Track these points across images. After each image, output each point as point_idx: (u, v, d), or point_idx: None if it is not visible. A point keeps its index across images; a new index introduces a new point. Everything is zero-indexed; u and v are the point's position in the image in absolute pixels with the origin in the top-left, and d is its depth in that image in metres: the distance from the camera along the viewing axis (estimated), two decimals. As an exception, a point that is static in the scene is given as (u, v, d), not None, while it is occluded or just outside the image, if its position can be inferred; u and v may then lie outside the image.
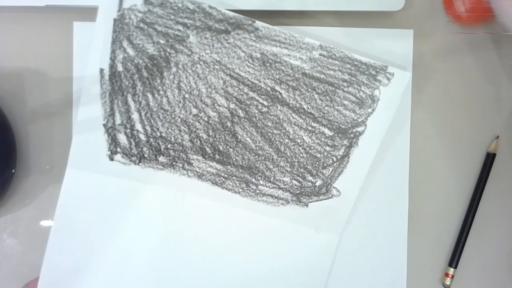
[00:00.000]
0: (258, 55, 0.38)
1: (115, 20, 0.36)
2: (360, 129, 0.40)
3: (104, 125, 0.38)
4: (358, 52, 0.42)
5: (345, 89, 0.39)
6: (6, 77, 0.43)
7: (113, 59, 0.37)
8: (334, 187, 0.41)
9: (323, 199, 0.41)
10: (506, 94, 0.43)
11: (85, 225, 0.40)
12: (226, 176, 0.40)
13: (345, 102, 0.39)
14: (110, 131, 0.38)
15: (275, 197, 0.41)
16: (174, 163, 0.39)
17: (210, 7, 0.37)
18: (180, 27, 0.37)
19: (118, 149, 0.39)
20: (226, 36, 0.37)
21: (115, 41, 0.37)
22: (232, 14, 0.37)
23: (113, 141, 0.39)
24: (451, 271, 0.42)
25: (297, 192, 0.41)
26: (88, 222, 0.40)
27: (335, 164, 0.40)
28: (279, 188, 0.41)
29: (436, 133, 0.43)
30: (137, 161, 0.39)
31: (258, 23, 0.38)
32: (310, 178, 0.40)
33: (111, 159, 0.39)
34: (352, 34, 0.42)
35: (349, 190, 0.41)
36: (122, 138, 0.39)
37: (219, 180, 0.40)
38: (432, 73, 0.43)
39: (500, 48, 0.43)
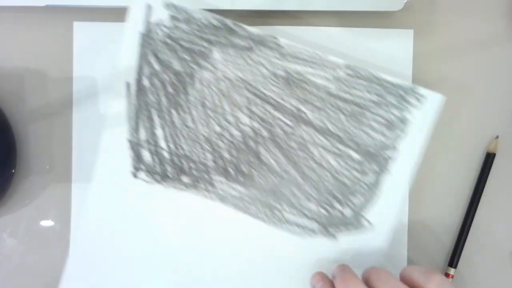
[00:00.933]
0: (282, 73, 0.37)
1: (142, 34, 0.36)
2: (390, 153, 0.38)
3: (129, 141, 0.38)
4: (358, 52, 0.42)
5: (373, 110, 0.38)
6: (6, 77, 0.43)
7: (140, 74, 0.37)
8: (365, 218, 0.39)
9: (353, 231, 0.39)
10: (506, 94, 0.43)
11: (104, 242, 0.39)
12: (250, 200, 0.39)
13: (373, 124, 0.38)
14: (135, 147, 0.38)
15: (301, 226, 0.39)
16: (196, 183, 0.39)
17: (234, 23, 0.37)
18: (205, 43, 0.36)
19: (142, 166, 0.38)
20: (249, 53, 0.37)
21: (142, 55, 0.36)
22: (255, 30, 0.37)
23: (137, 158, 0.38)
24: (451, 271, 0.42)
25: (325, 221, 0.39)
26: (107, 240, 0.39)
27: (365, 192, 0.38)
28: (305, 216, 0.39)
29: (436, 132, 0.43)
30: (160, 179, 0.39)
31: (281, 40, 0.37)
32: (338, 206, 0.38)
33: (135, 176, 0.39)
34: (352, 34, 0.43)
35: (382, 222, 0.38)
36: (146, 155, 0.38)
37: (242, 205, 0.39)
38: (432, 73, 0.43)
39: (501, 48, 0.43)
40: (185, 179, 0.38)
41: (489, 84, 0.43)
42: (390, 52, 0.42)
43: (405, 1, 0.40)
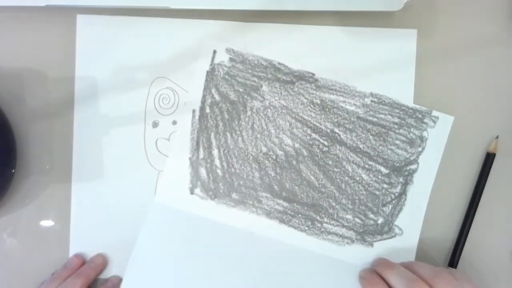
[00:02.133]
0: (318, 102, 0.43)
1: (207, 72, 0.43)
2: (413, 167, 0.43)
3: (190, 159, 0.43)
4: (362, 52, 0.43)
5: (396, 130, 0.43)
6: (6, 77, 0.43)
7: (203, 102, 0.43)
8: (396, 225, 0.43)
9: (386, 238, 0.43)
10: (506, 94, 0.43)
11: (161, 259, 0.42)
12: (292, 213, 0.43)
13: (397, 142, 0.43)
14: (194, 164, 0.43)
15: (340, 236, 0.43)
16: (245, 200, 0.43)
17: (279, 63, 0.43)
18: (256, 79, 0.43)
19: (199, 183, 0.43)
20: (291, 86, 0.43)
21: (206, 88, 0.43)
22: (296, 68, 0.43)
23: (195, 175, 0.43)
24: (451, 271, 0.42)
25: (361, 230, 0.43)
26: (164, 256, 0.42)
27: (393, 202, 0.43)
28: (343, 226, 0.43)
29: (436, 133, 0.43)
30: (213, 196, 0.43)
31: (317, 76, 0.43)
32: (371, 215, 0.43)
33: (192, 192, 0.43)
34: (355, 33, 0.43)
35: (411, 228, 0.43)
36: (202, 172, 0.43)
37: (286, 218, 0.43)
38: (433, 73, 0.43)
39: (501, 48, 0.43)
40: (235, 195, 0.43)
41: (489, 84, 0.43)
42: (393, 51, 0.43)
43: (405, 1, 0.40)
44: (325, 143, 0.43)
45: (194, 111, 0.43)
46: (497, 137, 0.43)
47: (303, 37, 0.43)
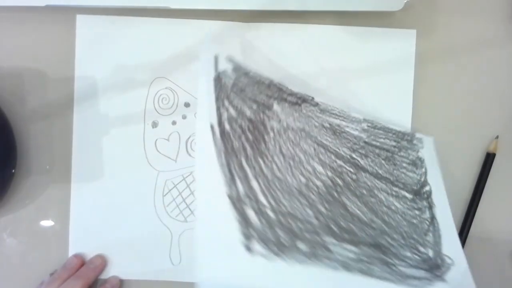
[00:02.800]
0: (328, 125, 0.40)
1: (214, 80, 0.39)
2: (427, 188, 0.41)
3: (229, 196, 0.34)
4: (361, 52, 0.43)
5: (398, 153, 0.41)
6: (6, 77, 0.43)
7: (219, 116, 0.37)
8: (445, 255, 0.39)
9: (445, 272, 0.38)
10: (506, 94, 0.43)
11: None
12: (368, 260, 0.36)
13: (404, 165, 0.41)
14: (237, 204, 0.34)
15: (417, 278, 0.37)
16: (314, 250, 0.35)
17: (279, 84, 0.39)
18: (264, 96, 0.39)
19: (252, 232, 0.33)
20: (299, 107, 0.39)
21: (217, 98, 0.37)
22: (296, 90, 0.40)
23: (244, 220, 0.34)
24: (451, 271, 0.42)
25: (426, 267, 0.38)
26: None
27: (431, 229, 0.40)
28: (411, 266, 0.38)
29: (436, 132, 0.43)
30: (277, 250, 0.34)
31: (317, 99, 0.40)
32: (422, 249, 0.38)
33: (249, 249, 0.33)
34: (355, 33, 0.43)
35: (456, 254, 0.39)
36: (251, 215, 0.34)
37: (364, 268, 0.36)
38: (433, 73, 0.43)
39: (501, 48, 0.43)
40: (301, 245, 0.35)
41: (489, 84, 0.43)
42: (393, 51, 0.43)
43: (405, 1, 0.40)
44: (351, 170, 0.39)
45: (212, 126, 0.37)
46: (497, 137, 0.43)
47: (303, 37, 0.43)
